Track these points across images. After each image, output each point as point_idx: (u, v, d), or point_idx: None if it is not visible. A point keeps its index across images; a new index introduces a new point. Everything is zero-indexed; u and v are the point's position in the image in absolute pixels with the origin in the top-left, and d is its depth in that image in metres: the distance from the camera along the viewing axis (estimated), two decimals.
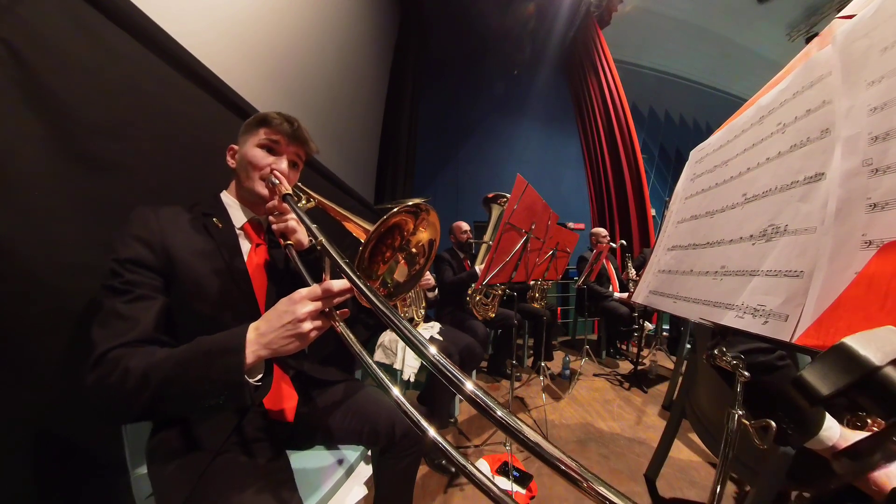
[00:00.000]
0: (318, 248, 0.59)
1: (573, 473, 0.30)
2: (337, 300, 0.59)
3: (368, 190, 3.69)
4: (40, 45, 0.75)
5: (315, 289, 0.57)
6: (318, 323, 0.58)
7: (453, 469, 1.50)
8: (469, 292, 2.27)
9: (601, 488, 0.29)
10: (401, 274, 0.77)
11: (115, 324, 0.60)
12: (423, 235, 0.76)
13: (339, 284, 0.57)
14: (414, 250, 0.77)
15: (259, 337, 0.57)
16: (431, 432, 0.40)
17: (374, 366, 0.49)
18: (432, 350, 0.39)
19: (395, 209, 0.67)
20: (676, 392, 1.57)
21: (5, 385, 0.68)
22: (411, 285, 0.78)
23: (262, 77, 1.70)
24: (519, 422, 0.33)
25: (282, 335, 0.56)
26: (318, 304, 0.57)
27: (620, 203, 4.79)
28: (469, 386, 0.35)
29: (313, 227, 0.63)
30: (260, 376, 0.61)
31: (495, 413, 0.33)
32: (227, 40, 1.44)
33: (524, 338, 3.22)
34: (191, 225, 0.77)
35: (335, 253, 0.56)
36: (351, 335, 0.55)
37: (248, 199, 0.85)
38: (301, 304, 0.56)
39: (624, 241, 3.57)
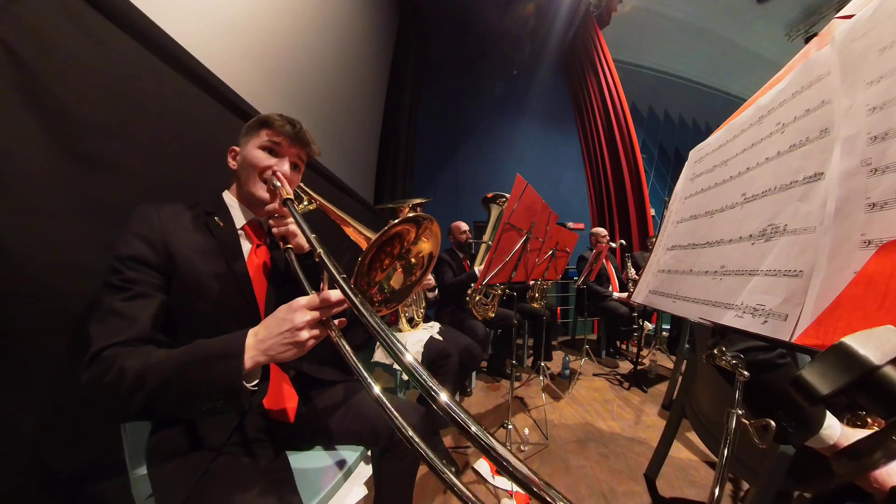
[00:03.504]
0: (317, 259, 0.59)
1: (541, 493, 0.30)
2: (334, 310, 0.59)
3: (368, 190, 3.69)
4: (39, 45, 0.75)
5: (314, 298, 0.58)
6: (315, 332, 0.58)
7: (452, 469, 1.50)
8: (469, 292, 2.27)
9: None
10: (397, 282, 0.77)
11: (112, 321, 0.60)
12: (424, 246, 0.76)
13: (337, 295, 0.58)
14: (413, 260, 0.77)
15: (258, 343, 0.57)
16: (409, 432, 0.42)
17: (364, 371, 0.50)
18: (408, 358, 0.40)
19: (397, 220, 0.67)
20: (676, 392, 1.57)
21: (5, 385, 0.68)
22: (407, 294, 0.78)
23: (261, 77, 1.70)
24: (491, 437, 0.33)
25: (280, 342, 0.56)
26: (317, 314, 0.57)
27: (620, 203, 4.79)
28: (443, 397, 0.36)
29: (312, 236, 0.62)
30: (257, 381, 0.61)
31: (470, 429, 0.33)
32: (227, 40, 1.44)
33: (524, 338, 3.21)
34: (192, 223, 0.77)
35: (332, 266, 0.56)
36: (346, 344, 0.55)
37: (249, 201, 0.85)
38: (300, 313, 0.57)
39: (624, 241, 3.58)
